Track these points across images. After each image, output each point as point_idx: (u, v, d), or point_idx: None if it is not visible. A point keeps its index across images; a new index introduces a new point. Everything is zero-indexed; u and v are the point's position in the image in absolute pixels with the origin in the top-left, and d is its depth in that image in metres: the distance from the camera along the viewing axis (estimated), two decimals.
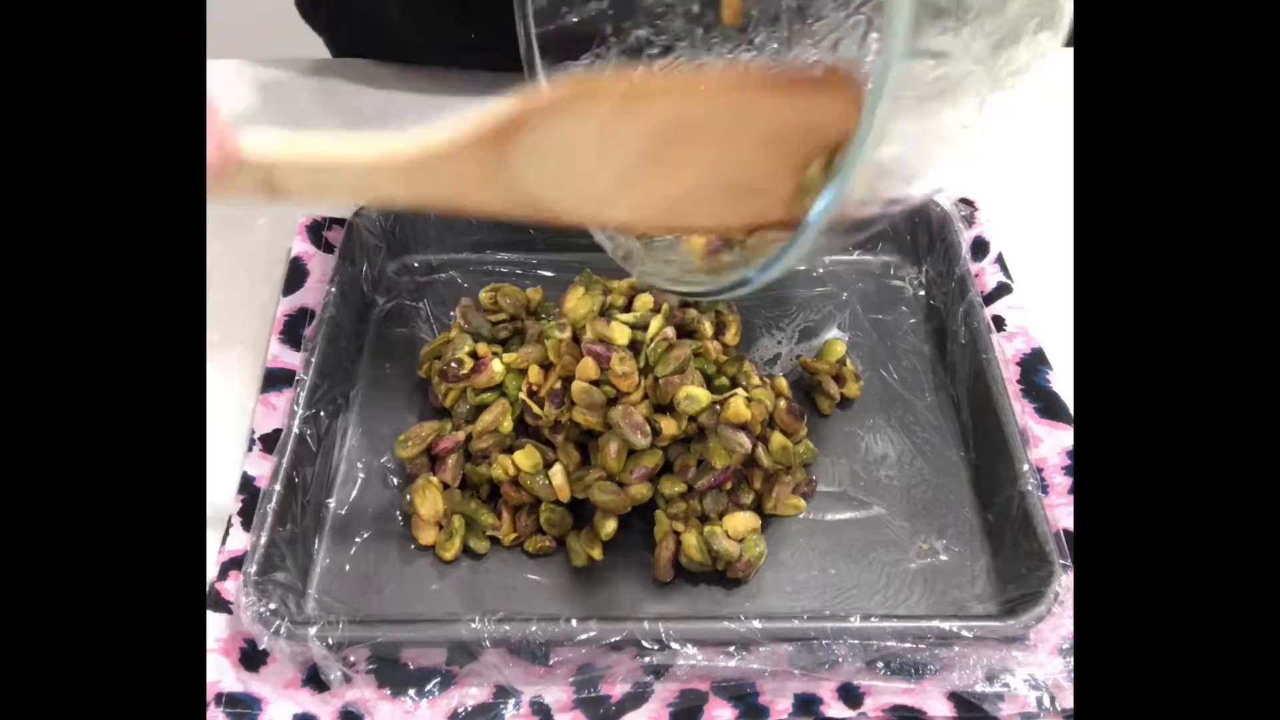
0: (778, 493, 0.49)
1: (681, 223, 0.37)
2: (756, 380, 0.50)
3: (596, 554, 0.47)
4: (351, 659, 0.43)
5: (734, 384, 0.50)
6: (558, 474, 0.48)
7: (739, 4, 0.45)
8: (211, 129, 0.33)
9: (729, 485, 0.48)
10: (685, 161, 0.33)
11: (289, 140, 0.31)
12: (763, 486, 0.49)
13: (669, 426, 0.47)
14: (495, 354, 0.51)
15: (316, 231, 0.61)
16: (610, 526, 0.47)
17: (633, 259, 0.42)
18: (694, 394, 0.47)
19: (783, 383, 0.52)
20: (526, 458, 0.48)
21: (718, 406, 0.47)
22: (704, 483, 0.47)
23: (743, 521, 0.47)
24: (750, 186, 0.34)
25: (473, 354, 0.51)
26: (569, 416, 0.48)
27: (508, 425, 0.49)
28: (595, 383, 0.48)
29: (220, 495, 0.49)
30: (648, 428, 0.46)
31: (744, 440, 0.46)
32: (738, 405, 0.47)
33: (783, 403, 0.50)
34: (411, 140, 0.31)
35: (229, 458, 0.51)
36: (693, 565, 0.47)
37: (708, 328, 0.52)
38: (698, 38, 0.48)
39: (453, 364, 0.50)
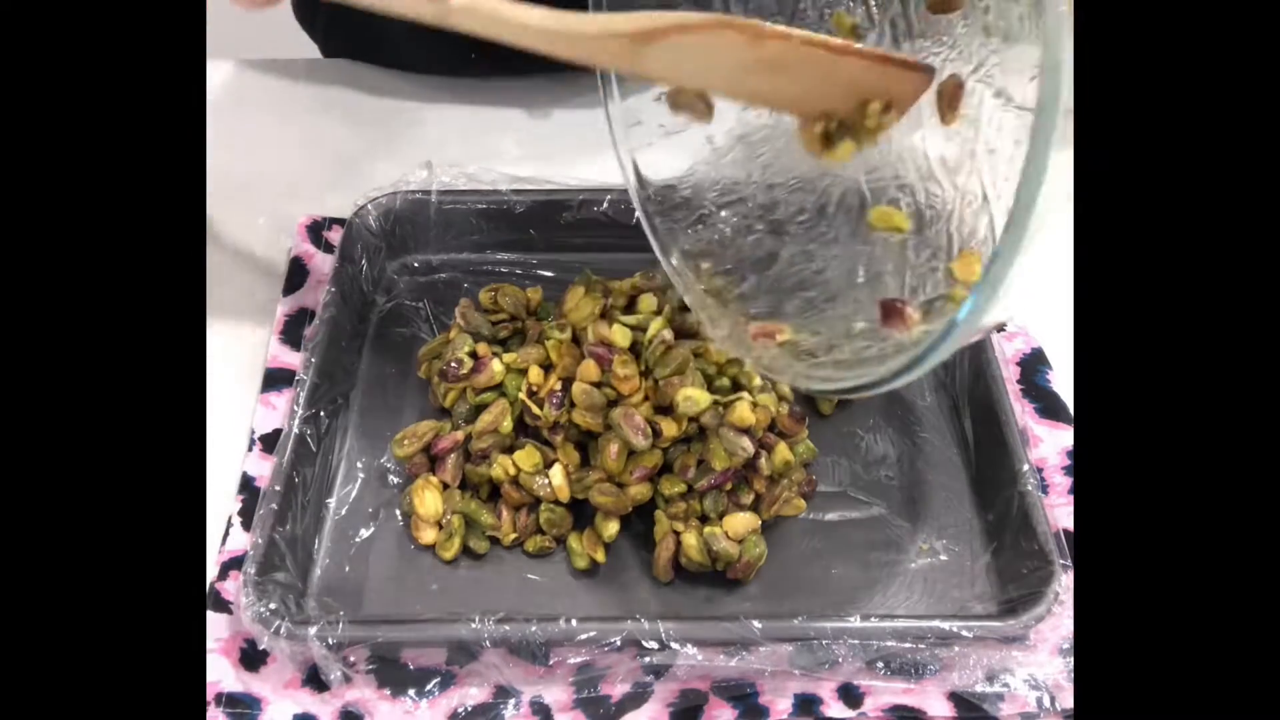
0: (778, 494, 0.49)
1: (784, 104, 0.44)
2: (758, 381, 0.50)
3: (600, 556, 0.47)
4: (351, 659, 0.43)
5: (735, 385, 0.50)
6: (557, 474, 0.48)
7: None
8: None
9: (729, 486, 0.48)
10: (787, 82, 0.41)
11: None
12: (763, 488, 0.49)
13: (669, 428, 0.47)
14: (495, 354, 0.51)
15: (316, 231, 0.61)
16: (612, 528, 0.47)
17: (777, 368, 0.44)
18: (693, 395, 0.47)
19: (784, 386, 0.52)
20: (526, 458, 0.48)
21: (721, 408, 0.47)
22: (703, 483, 0.47)
23: (742, 522, 0.47)
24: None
25: (473, 354, 0.51)
26: (569, 417, 0.48)
27: (508, 425, 0.49)
28: (596, 384, 0.48)
29: (220, 495, 0.49)
30: (648, 429, 0.46)
31: (747, 445, 0.46)
32: (743, 410, 0.47)
33: (784, 407, 0.50)
34: (574, 18, 0.39)
35: (229, 458, 0.51)
36: (692, 565, 0.47)
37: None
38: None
39: (453, 364, 0.50)
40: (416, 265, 0.61)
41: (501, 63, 0.48)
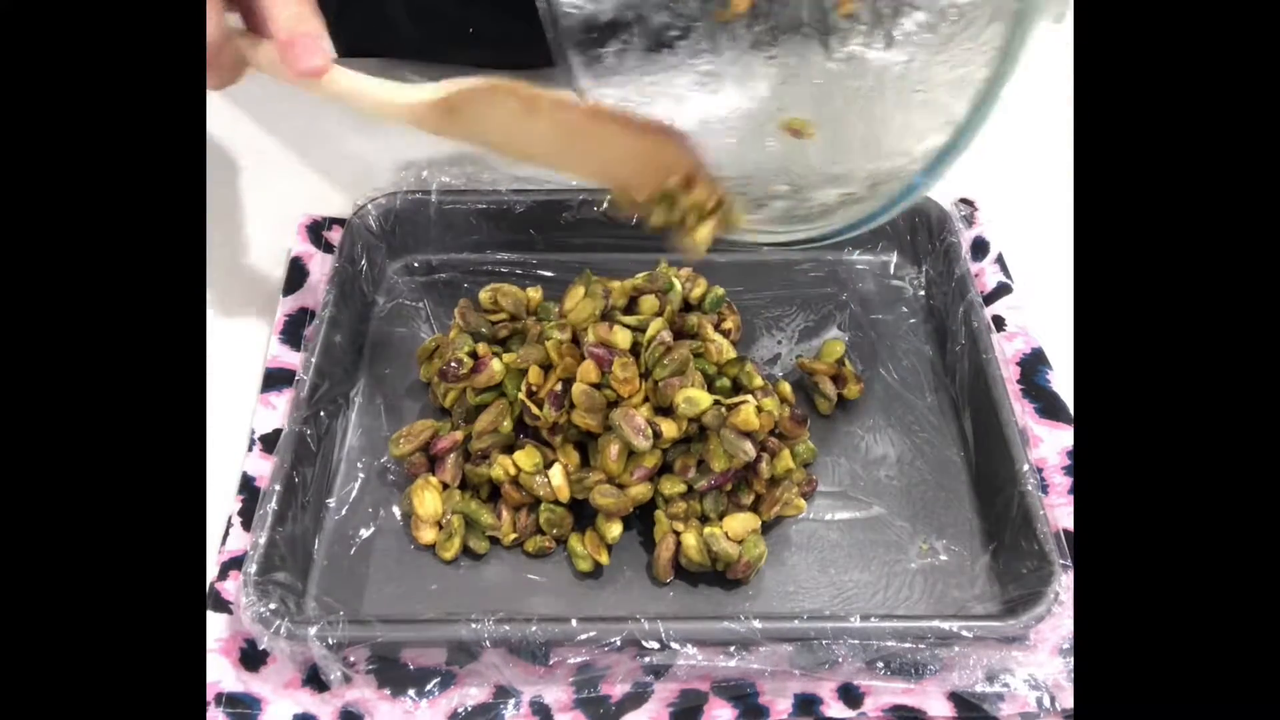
0: (779, 495, 0.49)
1: (611, 180, 0.46)
2: (759, 381, 0.50)
3: (603, 558, 0.47)
4: (351, 659, 0.43)
5: (736, 386, 0.50)
6: (557, 474, 0.48)
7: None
8: (314, 39, 0.45)
9: (729, 487, 0.48)
10: (584, 149, 0.44)
11: (349, 75, 0.45)
12: (764, 489, 0.49)
13: (669, 429, 0.47)
14: (495, 354, 0.51)
15: (316, 231, 0.61)
16: (615, 530, 0.47)
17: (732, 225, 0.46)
18: (693, 396, 0.47)
19: (786, 387, 0.52)
20: (526, 458, 0.48)
21: (723, 409, 0.47)
22: (703, 484, 0.47)
23: (742, 523, 0.47)
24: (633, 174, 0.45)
25: (472, 354, 0.51)
26: (568, 418, 0.48)
27: (507, 425, 0.49)
28: (596, 386, 0.48)
29: (220, 495, 0.49)
30: (649, 430, 0.46)
31: (749, 448, 0.46)
32: (748, 414, 0.47)
33: (786, 409, 0.50)
34: (408, 92, 0.44)
35: (229, 458, 0.51)
36: (692, 566, 0.47)
37: (710, 330, 0.52)
38: (711, 19, 0.51)
39: (453, 364, 0.50)
40: (416, 265, 0.61)
41: (502, 29, 0.50)
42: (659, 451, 0.47)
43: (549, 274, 0.60)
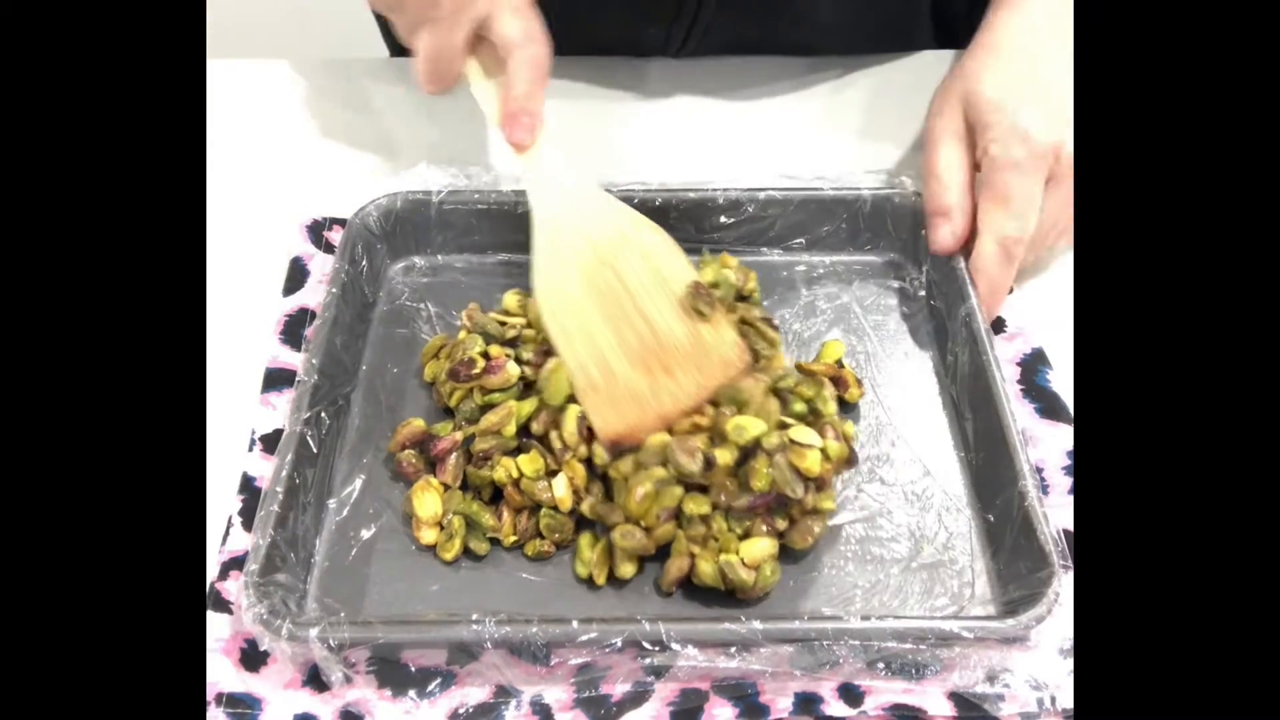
0: (813, 526, 0.47)
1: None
2: (832, 409, 0.49)
3: (601, 581, 0.47)
4: (352, 659, 0.43)
5: (811, 409, 0.49)
6: (561, 485, 0.48)
7: None
8: (534, 117, 0.54)
9: (761, 511, 0.46)
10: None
11: (544, 161, 0.54)
12: (799, 517, 0.47)
13: (723, 456, 0.46)
14: (508, 356, 0.51)
15: (316, 231, 0.61)
16: (630, 570, 0.47)
17: None
18: (743, 425, 0.46)
19: (850, 428, 0.50)
20: (529, 462, 0.48)
21: (787, 440, 0.46)
22: (742, 502, 0.46)
23: (761, 548, 0.46)
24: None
25: (484, 355, 0.51)
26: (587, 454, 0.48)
27: (511, 429, 0.49)
28: None
29: (220, 495, 0.49)
30: (700, 455, 0.46)
31: (798, 489, 0.45)
32: (813, 461, 0.46)
33: (846, 449, 0.48)
34: (563, 240, 0.53)
35: (229, 458, 0.51)
36: (703, 585, 0.46)
37: (771, 336, 0.52)
38: None
39: (464, 363, 0.50)
40: (417, 265, 0.61)
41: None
42: (680, 488, 0.46)
43: None
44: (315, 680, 0.44)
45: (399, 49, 0.79)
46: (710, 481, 0.46)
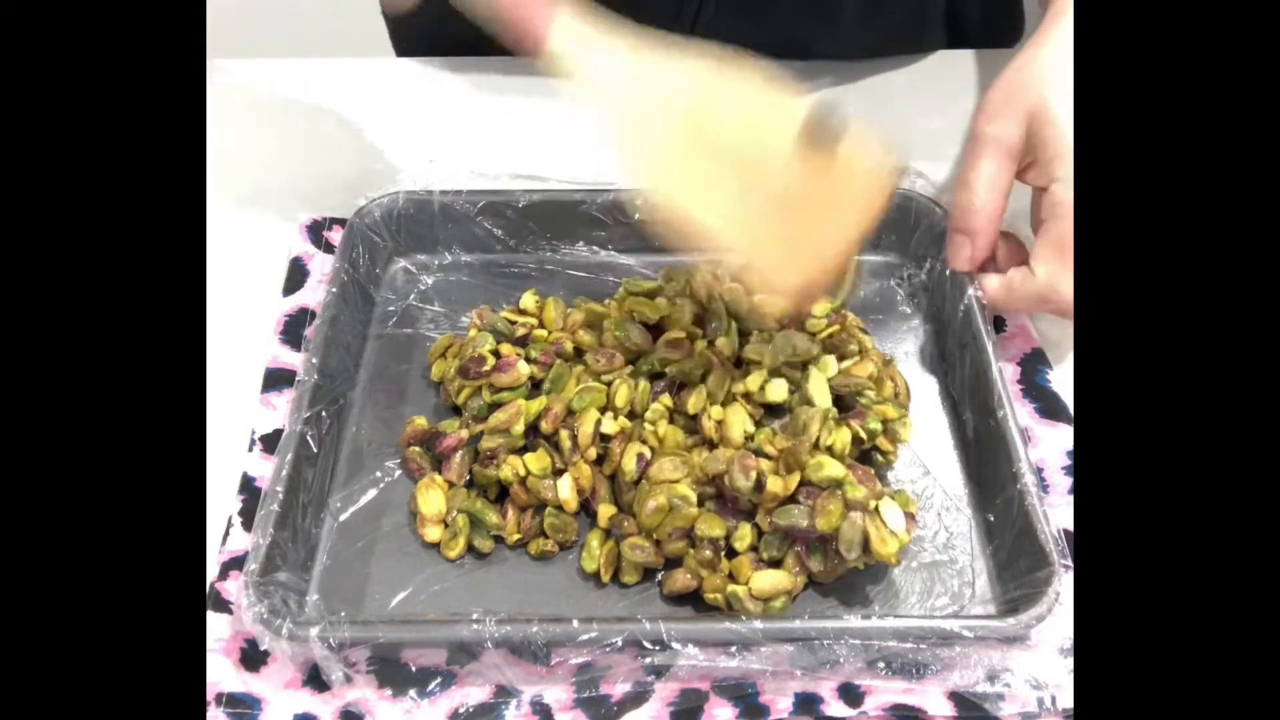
0: (835, 569, 0.46)
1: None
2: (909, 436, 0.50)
3: (606, 578, 0.47)
4: (353, 659, 0.43)
5: (885, 429, 0.49)
6: (566, 486, 0.48)
7: None
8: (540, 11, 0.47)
9: (801, 544, 0.46)
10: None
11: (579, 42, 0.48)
12: (834, 566, 0.46)
13: (775, 485, 0.45)
14: (519, 355, 0.51)
15: (316, 231, 0.61)
16: (633, 578, 0.47)
17: None
18: (824, 463, 0.45)
19: (915, 507, 0.48)
20: (536, 461, 0.48)
21: (875, 509, 0.45)
22: (785, 523, 0.45)
23: (774, 582, 0.45)
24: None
25: (495, 353, 0.51)
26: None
27: (518, 429, 0.49)
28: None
29: (220, 495, 0.49)
30: (755, 474, 0.45)
31: (855, 555, 0.44)
32: (889, 548, 0.44)
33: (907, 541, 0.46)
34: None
35: (229, 458, 0.51)
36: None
37: (870, 379, 0.51)
38: None
39: (474, 360, 0.50)
40: (418, 264, 0.61)
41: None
42: (694, 510, 0.46)
43: (551, 271, 0.60)
44: (315, 680, 0.44)
45: (405, 50, 0.79)
46: (757, 502, 0.46)
